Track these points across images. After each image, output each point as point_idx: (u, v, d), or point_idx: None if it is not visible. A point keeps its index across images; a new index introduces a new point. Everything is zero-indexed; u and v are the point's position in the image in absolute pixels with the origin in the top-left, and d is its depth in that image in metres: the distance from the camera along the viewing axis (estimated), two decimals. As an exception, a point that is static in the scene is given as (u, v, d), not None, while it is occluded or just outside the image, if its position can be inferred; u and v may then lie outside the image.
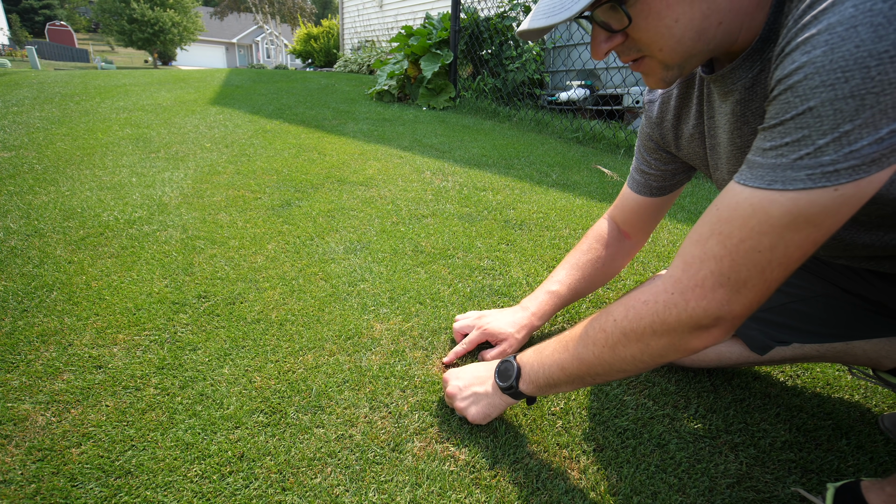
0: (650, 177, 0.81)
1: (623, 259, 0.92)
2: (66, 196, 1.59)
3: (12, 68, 9.19)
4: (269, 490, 0.62)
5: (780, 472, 0.69)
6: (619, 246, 0.90)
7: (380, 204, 1.65)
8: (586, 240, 0.93)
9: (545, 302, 0.90)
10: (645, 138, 0.79)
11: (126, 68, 13.53)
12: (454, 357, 0.88)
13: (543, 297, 0.91)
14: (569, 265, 0.92)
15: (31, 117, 2.86)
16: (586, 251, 0.91)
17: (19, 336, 0.89)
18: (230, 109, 3.32)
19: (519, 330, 0.88)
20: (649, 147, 0.79)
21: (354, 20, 8.55)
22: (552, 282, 0.92)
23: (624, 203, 0.88)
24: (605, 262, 0.90)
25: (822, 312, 0.75)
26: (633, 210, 0.86)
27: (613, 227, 0.91)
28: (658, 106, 0.74)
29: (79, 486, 0.61)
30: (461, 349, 0.88)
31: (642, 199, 0.83)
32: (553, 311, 0.91)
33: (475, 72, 4.19)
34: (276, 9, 21.05)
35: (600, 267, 0.90)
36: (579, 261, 0.91)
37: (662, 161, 0.79)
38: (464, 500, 0.62)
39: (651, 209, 0.84)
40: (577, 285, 0.90)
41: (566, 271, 0.91)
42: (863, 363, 0.79)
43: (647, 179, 0.81)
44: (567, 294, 0.90)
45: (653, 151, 0.79)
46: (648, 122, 0.77)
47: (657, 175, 0.80)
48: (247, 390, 0.78)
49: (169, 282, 1.09)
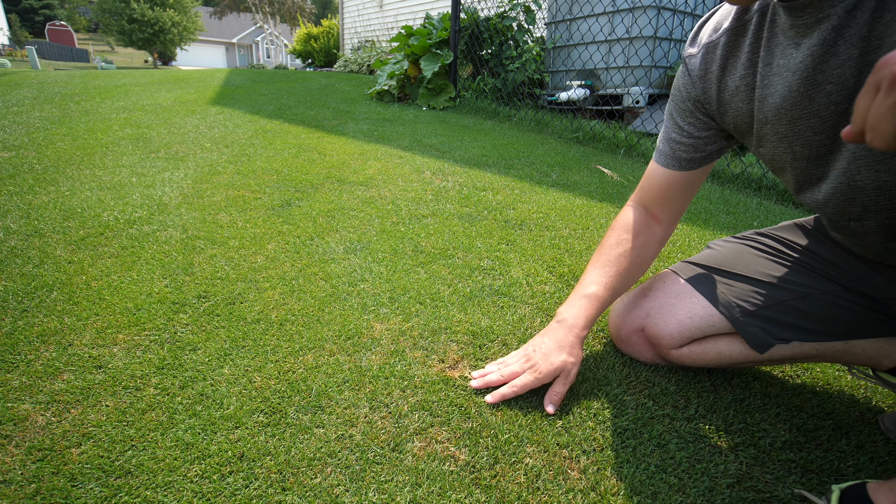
0: (680, 146, 0.76)
1: (656, 246, 0.85)
2: (66, 196, 1.59)
3: (12, 68, 9.19)
4: (269, 490, 0.62)
5: (780, 472, 0.69)
6: (650, 232, 0.84)
7: (380, 204, 1.65)
8: (613, 232, 0.86)
9: (585, 308, 0.80)
10: (680, 99, 0.74)
11: (126, 68, 13.53)
12: (500, 399, 0.78)
13: (581, 302, 0.81)
14: (600, 263, 0.83)
15: (31, 117, 2.86)
16: (615, 244, 0.84)
17: (19, 336, 0.89)
18: (230, 109, 3.32)
19: (570, 350, 0.78)
20: (684, 109, 0.73)
21: (354, 20, 8.55)
22: (586, 284, 0.83)
23: (651, 181, 0.82)
24: (638, 253, 0.83)
25: (824, 311, 0.75)
26: (660, 187, 0.81)
27: (640, 212, 0.84)
28: (701, 58, 0.68)
29: (79, 486, 0.61)
30: (510, 392, 0.77)
31: (670, 174, 0.78)
32: (596, 315, 0.81)
33: (475, 72, 4.19)
34: (275, 9, 21.05)
35: (634, 258, 0.83)
36: (610, 256, 0.83)
37: (697, 126, 0.73)
38: (464, 500, 0.62)
39: (679, 185, 0.79)
40: (614, 283, 0.82)
41: (598, 270, 0.83)
42: (862, 363, 0.79)
43: (677, 150, 0.76)
44: (606, 295, 0.82)
45: (688, 114, 0.73)
46: (688, 78, 0.71)
47: (688, 144, 0.75)
48: (247, 390, 0.78)
49: (169, 282, 1.09)
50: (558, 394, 0.77)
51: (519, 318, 1.02)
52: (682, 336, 0.81)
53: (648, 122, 3.18)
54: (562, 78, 3.81)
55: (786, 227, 0.84)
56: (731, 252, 0.85)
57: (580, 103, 3.55)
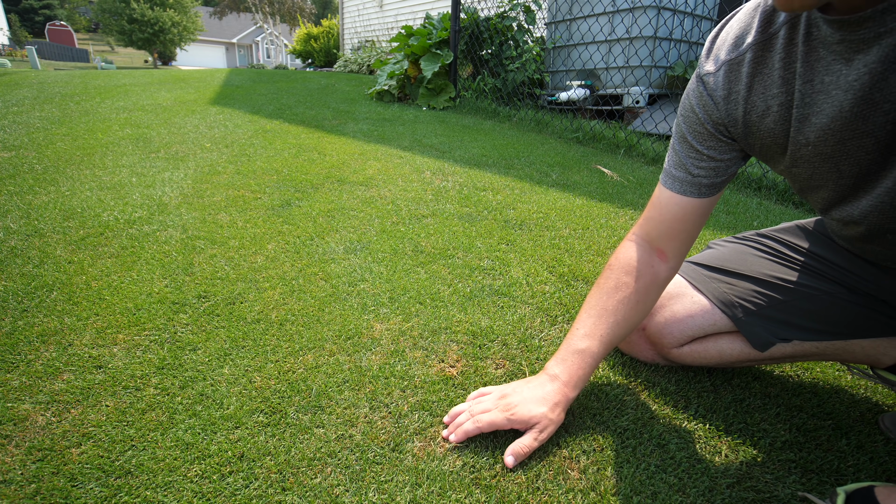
0: (700, 171, 0.68)
1: (659, 290, 0.76)
2: (66, 196, 1.59)
3: (12, 68, 9.19)
4: (269, 490, 0.62)
5: (780, 472, 0.69)
6: (653, 273, 0.74)
7: (380, 204, 1.65)
8: (611, 273, 0.75)
9: (576, 366, 0.71)
10: (696, 122, 0.66)
11: (126, 68, 13.53)
12: (464, 437, 0.69)
13: (573, 359, 0.72)
14: (596, 311, 0.74)
15: (31, 117, 2.86)
16: (614, 289, 0.73)
17: (19, 336, 0.89)
18: (230, 109, 3.32)
19: (553, 407, 0.69)
20: (703, 133, 0.66)
21: (354, 20, 8.55)
22: (578, 336, 0.73)
23: (662, 212, 0.72)
24: (639, 298, 0.73)
25: (825, 311, 0.75)
26: (675, 218, 0.71)
27: (644, 250, 0.75)
28: (723, 77, 0.62)
29: (79, 486, 0.61)
30: (472, 428, 0.69)
31: (687, 203, 0.70)
32: (588, 375, 0.72)
33: (475, 72, 4.19)
34: (275, 9, 21.05)
35: (635, 304, 0.73)
36: (608, 304, 0.73)
37: (719, 150, 0.66)
38: (464, 500, 0.62)
39: (697, 214, 0.71)
40: (611, 335, 0.72)
41: (594, 320, 0.73)
42: (861, 361, 0.79)
43: (696, 175, 0.68)
44: (600, 350, 0.72)
45: (708, 137, 0.66)
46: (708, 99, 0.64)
47: (709, 169, 0.67)
48: (247, 390, 0.78)
49: (169, 282, 1.09)
50: (526, 447, 0.67)
51: (519, 318, 1.02)
52: (683, 335, 0.81)
53: (648, 122, 3.18)
54: (562, 78, 3.81)
55: (787, 228, 0.84)
56: (733, 252, 0.85)
57: (580, 103, 3.55)
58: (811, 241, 0.80)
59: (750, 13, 0.60)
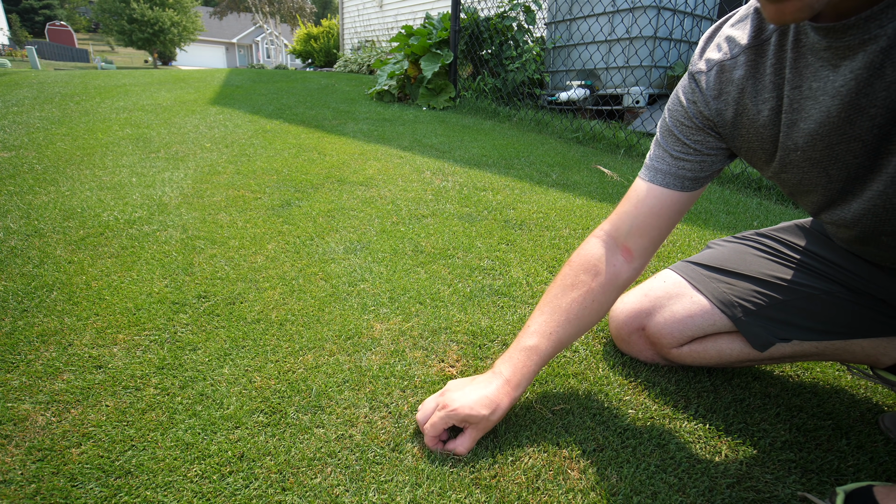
0: (684, 164, 0.67)
1: (618, 291, 0.74)
2: (66, 196, 1.59)
3: (12, 68, 9.19)
4: (269, 490, 0.62)
5: (780, 472, 0.69)
6: (614, 273, 0.72)
7: (380, 204, 1.65)
8: (569, 270, 0.74)
9: (521, 363, 0.70)
10: (684, 116, 0.67)
11: (126, 68, 13.54)
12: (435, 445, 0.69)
13: (519, 356, 0.71)
14: (549, 308, 0.73)
15: (31, 117, 2.86)
16: (570, 287, 0.72)
17: (19, 336, 0.89)
18: (230, 109, 3.32)
19: (494, 410, 0.67)
20: (690, 126, 0.66)
21: (354, 20, 8.55)
22: (528, 333, 0.72)
23: (637, 204, 0.71)
24: (594, 297, 0.72)
25: (825, 311, 0.75)
26: (650, 211, 0.70)
27: (608, 247, 0.73)
28: (714, 77, 0.62)
29: (79, 486, 0.61)
30: (428, 438, 0.68)
31: (666, 195, 0.69)
32: (534, 372, 0.71)
33: (475, 72, 4.19)
34: (275, 9, 21.05)
35: (589, 304, 0.72)
36: (561, 302, 0.72)
37: (706, 144, 0.66)
38: (464, 500, 0.62)
39: (674, 209, 0.70)
40: (560, 334, 0.71)
41: (545, 317, 0.72)
42: (861, 361, 0.79)
43: (680, 168, 0.68)
44: (549, 348, 0.71)
45: (695, 131, 0.66)
46: (699, 95, 0.64)
47: (694, 162, 0.67)
48: (247, 390, 0.78)
49: (169, 282, 1.09)
50: (460, 445, 0.67)
51: (519, 318, 1.02)
52: (682, 335, 0.82)
53: (648, 122, 3.18)
54: (562, 78, 3.81)
55: (786, 227, 0.84)
56: (732, 252, 0.85)
57: (580, 103, 3.55)
58: (810, 241, 0.80)
59: (744, 17, 0.61)
